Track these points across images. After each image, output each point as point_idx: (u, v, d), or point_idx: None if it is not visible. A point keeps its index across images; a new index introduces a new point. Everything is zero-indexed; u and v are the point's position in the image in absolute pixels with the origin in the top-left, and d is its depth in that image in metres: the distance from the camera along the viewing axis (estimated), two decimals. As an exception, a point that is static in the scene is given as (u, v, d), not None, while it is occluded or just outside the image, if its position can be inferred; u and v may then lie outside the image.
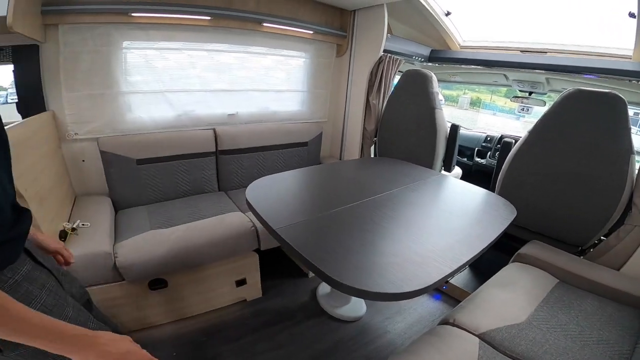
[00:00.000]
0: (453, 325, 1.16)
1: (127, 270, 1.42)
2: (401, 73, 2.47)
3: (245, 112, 2.34)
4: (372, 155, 2.65)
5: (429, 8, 2.50)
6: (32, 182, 1.27)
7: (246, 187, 2.26)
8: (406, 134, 2.35)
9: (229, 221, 1.72)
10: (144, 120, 1.97)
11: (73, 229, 1.47)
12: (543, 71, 2.46)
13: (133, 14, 1.75)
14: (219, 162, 2.19)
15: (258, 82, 2.36)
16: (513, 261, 1.64)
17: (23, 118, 1.71)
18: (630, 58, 2.00)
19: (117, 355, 0.59)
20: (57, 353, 0.56)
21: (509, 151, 1.90)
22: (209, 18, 1.95)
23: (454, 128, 2.22)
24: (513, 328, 1.15)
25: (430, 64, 3.04)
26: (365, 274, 1.03)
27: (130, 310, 1.54)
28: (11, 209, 0.71)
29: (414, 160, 2.27)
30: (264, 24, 2.15)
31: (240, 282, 1.82)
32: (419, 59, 2.95)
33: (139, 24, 1.81)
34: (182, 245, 1.53)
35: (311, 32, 2.36)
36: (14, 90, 2.12)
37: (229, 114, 2.27)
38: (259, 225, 1.69)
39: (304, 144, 2.55)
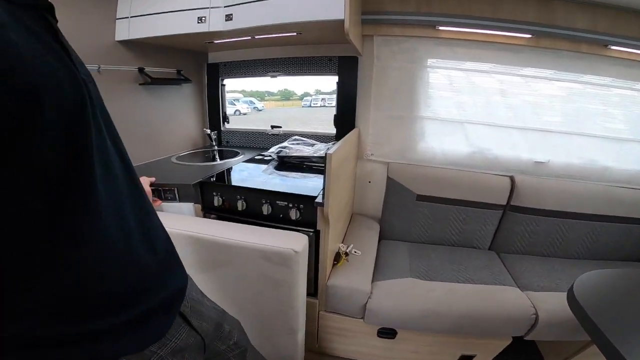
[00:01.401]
0: None
1: (373, 314, 1.31)
2: None
3: (560, 161, 1.71)
4: None
5: None
6: (337, 204, 1.28)
7: (526, 254, 1.70)
8: None
9: (502, 299, 1.33)
10: (434, 152, 1.76)
11: (346, 254, 1.47)
12: None
13: (440, 27, 1.56)
14: (505, 219, 1.71)
15: (588, 123, 1.67)
16: None
17: (337, 131, 1.88)
18: None
19: None
20: None
21: None
22: (529, 36, 1.50)
23: None
24: None
25: None
26: None
27: (348, 342, 1.47)
28: (156, 262, 0.54)
29: None
30: (611, 47, 1.47)
31: (466, 357, 1.43)
32: None
33: (445, 39, 1.60)
34: (437, 311, 1.28)
35: None
36: (316, 97, 2.37)
37: (536, 161, 1.72)
38: (543, 314, 1.28)
39: (641, 222, 1.65)
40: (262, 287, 1.12)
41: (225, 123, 2.21)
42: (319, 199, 1.20)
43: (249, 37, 1.56)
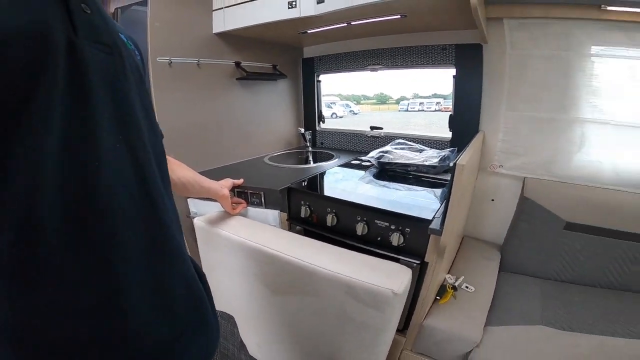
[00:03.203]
0: None
1: None
2: None
3: None
4: None
5: None
6: (452, 229, 0.96)
7: None
8: None
9: None
10: (601, 168, 1.27)
11: (454, 288, 1.15)
12: None
13: (608, 8, 1.15)
14: None
15: None
16: None
17: (453, 135, 1.55)
18: None
19: None
20: None
21: None
22: None
23: None
24: None
25: None
26: None
27: None
28: (173, 331, 0.37)
29: None
30: None
31: None
32: None
33: (616, 21, 1.18)
34: None
35: None
36: (413, 101, 2.22)
37: None
38: None
39: None
40: (343, 327, 0.89)
41: (321, 122, 2.08)
42: (434, 225, 0.92)
43: (345, 24, 1.37)
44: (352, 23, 1.36)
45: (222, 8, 1.45)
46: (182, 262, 0.42)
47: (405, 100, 2.25)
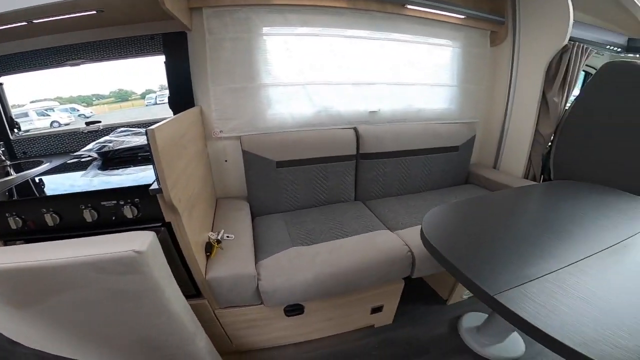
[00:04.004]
0: None
1: (269, 296, 1.22)
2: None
3: (388, 109, 1.97)
4: (542, 167, 2.05)
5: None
6: (184, 189, 1.10)
7: (385, 197, 1.86)
8: (608, 143, 1.69)
9: (380, 243, 1.41)
10: (284, 117, 1.75)
11: (218, 242, 1.32)
12: None
13: None
14: (359, 167, 1.86)
15: (402, 75, 1.95)
16: None
17: (175, 114, 1.63)
18: None
19: None
20: None
21: None
22: (346, -1, 1.62)
23: None
24: None
25: (630, 55, 2.27)
26: None
27: (260, 332, 1.39)
28: None
29: (618, 176, 1.63)
30: (408, 6, 1.75)
31: (376, 309, 1.53)
32: (614, 48, 2.21)
33: (276, 6, 1.60)
34: (328, 271, 1.26)
35: (463, 16, 1.88)
36: (161, 92, 2.10)
37: (370, 111, 1.92)
38: (416, 250, 1.39)
39: (455, 148, 2.06)
40: (122, 306, 0.87)
41: (15, 130, 1.65)
42: (154, 186, 1.00)
43: (25, 23, 1.18)
44: (35, 21, 1.17)
45: None
46: None
47: (152, 94, 2.09)
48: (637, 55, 2.27)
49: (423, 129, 1.99)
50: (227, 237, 1.37)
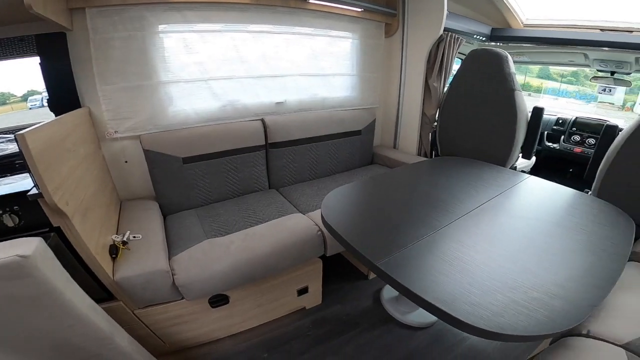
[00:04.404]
0: (587, 336, 0.96)
1: (187, 289, 1.24)
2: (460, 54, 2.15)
3: (293, 99, 2.08)
4: (431, 144, 2.38)
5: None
6: (72, 192, 1.06)
7: (298, 183, 1.98)
8: (475, 120, 2.05)
9: (291, 225, 1.51)
10: (187, 114, 1.74)
11: (124, 243, 1.28)
12: (633, 50, 2.14)
13: None
14: (269, 157, 1.95)
15: (306, 66, 2.08)
16: (630, 260, 1.37)
17: (56, 116, 1.52)
18: None
19: None
20: None
21: (614, 138, 1.60)
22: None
23: (538, 111, 1.93)
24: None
25: (492, 43, 2.70)
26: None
27: (191, 328, 1.39)
28: None
29: (485, 147, 1.99)
30: (310, 0, 1.87)
31: (302, 291, 1.63)
32: (480, 37, 2.60)
33: (172, 3, 1.57)
34: (243, 257, 1.32)
35: (360, 9, 2.07)
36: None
37: (276, 103, 2.01)
38: (325, 229, 1.48)
39: (358, 132, 2.27)
40: (15, 312, 0.84)
41: None
42: (33, 191, 0.96)
43: None
44: None
45: None
46: None
47: (38, 95, 1.86)
48: (498, 44, 2.73)
49: (328, 116, 2.16)
50: (134, 237, 1.34)
